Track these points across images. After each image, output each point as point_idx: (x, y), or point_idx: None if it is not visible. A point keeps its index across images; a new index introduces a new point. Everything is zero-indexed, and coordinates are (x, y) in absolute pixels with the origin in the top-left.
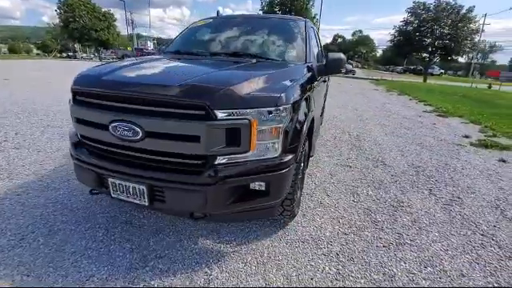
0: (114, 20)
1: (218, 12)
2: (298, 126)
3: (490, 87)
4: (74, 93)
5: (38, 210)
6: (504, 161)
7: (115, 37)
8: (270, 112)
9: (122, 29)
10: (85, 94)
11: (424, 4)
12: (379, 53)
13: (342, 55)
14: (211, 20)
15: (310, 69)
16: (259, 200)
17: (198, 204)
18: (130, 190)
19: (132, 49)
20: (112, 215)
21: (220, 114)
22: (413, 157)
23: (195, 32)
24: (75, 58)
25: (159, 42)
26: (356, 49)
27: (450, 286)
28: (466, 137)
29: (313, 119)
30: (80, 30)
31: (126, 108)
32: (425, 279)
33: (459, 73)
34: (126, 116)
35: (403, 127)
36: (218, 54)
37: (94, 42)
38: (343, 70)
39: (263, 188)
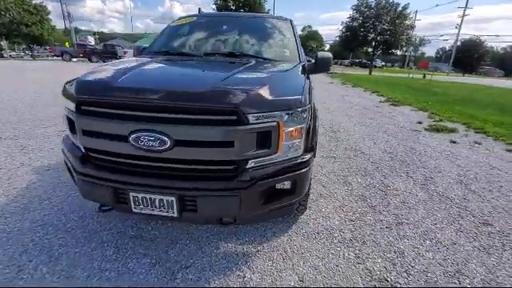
0: (48, 13)
1: (199, 10)
2: (313, 124)
3: (424, 77)
4: (80, 102)
5: (26, 236)
6: (454, 142)
7: (50, 32)
8: (294, 113)
9: (57, 23)
10: (96, 103)
11: (367, 2)
12: (327, 47)
13: (330, 54)
14: (195, 18)
15: (304, 68)
16: (285, 199)
17: (232, 209)
18: (156, 202)
19: (72, 44)
20: (117, 231)
21: (251, 118)
22: (383, 144)
23: (181, 31)
24: (2, 56)
25: (102, 37)
26: (307, 43)
27: (447, 253)
28: (420, 123)
29: None
30: (7, 25)
31: (152, 117)
32: (427, 251)
33: (396, 65)
34: (151, 125)
35: (367, 117)
36: (213, 55)
37: (24, 38)
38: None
39: (288, 187)
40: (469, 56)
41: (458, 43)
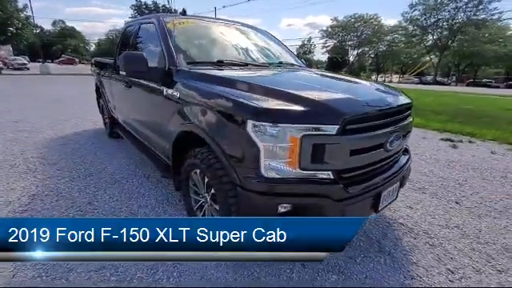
0: None
1: (184, 11)
2: None
3: None
4: (348, 122)
5: None
6: None
7: None
8: None
9: None
10: (363, 119)
11: (146, 3)
12: (93, 46)
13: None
14: (196, 21)
15: None
16: None
17: (409, 172)
18: (391, 192)
19: None
20: None
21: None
22: None
23: (199, 36)
24: None
25: None
26: (65, 42)
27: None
28: None
29: None
30: None
31: (398, 120)
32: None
33: None
34: (398, 128)
35: None
36: (259, 64)
37: None
38: None
39: None
40: None
41: None
